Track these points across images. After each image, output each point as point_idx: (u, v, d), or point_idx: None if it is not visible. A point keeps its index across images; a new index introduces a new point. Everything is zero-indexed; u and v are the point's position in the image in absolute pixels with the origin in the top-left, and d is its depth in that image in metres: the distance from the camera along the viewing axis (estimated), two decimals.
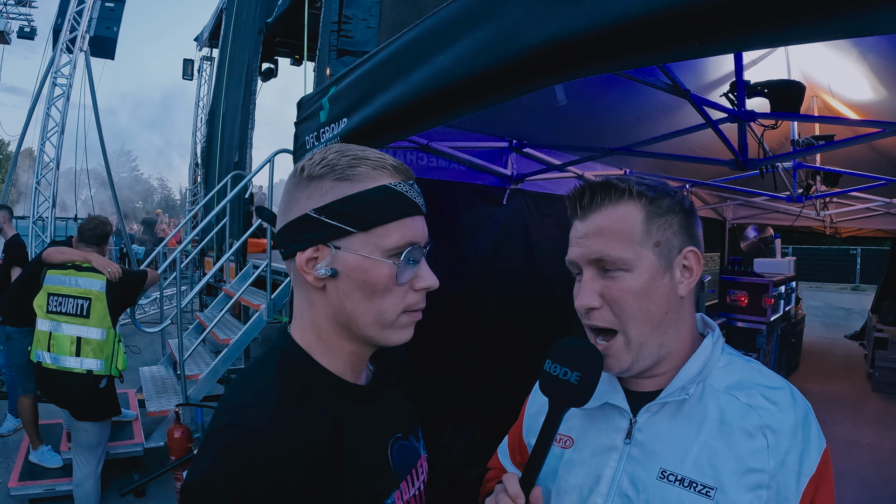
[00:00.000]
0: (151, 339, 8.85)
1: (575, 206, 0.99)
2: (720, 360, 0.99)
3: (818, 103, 3.08)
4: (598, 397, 0.96)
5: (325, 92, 2.10)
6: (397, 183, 0.87)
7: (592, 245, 0.94)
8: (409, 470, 1.01)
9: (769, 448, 0.87)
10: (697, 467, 0.89)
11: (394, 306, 0.87)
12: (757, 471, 0.86)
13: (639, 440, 0.95)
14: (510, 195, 3.67)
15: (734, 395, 0.93)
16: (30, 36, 13.45)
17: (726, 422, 0.90)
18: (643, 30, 0.90)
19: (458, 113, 1.38)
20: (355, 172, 0.85)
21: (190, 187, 15.24)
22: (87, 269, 3.57)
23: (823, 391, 6.90)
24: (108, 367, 3.57)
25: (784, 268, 6.30)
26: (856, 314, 13.36)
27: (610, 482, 0.96)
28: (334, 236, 0.85)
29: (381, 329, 0.88)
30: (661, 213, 0.95)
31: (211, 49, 14.17)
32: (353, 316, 0.88)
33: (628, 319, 0.93)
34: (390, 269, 0.85)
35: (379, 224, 0.85)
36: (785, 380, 0.97)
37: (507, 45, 1.14)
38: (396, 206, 0.86)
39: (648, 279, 0.93)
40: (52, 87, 10.73)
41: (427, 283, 0.89)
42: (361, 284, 0.86)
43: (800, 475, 0.86)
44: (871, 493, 4.16)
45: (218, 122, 9.59)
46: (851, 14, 0.73)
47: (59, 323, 3.51)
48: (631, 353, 0.94)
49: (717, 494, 0.86)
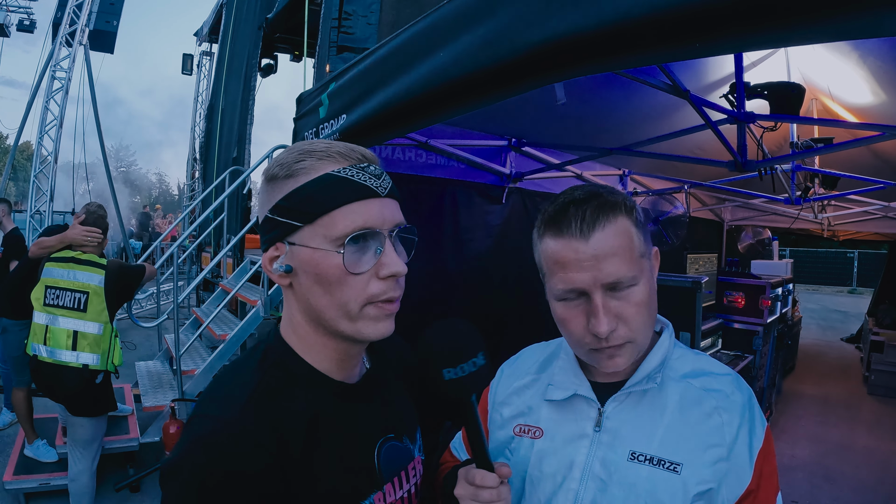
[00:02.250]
0: (148, 335, 8.84)
1: (571, 226, 0.94)
2: (675, 352, 1.07)
3: (817, 106, 3.08)
4: (566, 389, 1.06)
5: (324, 88, 2.10)
6: (342, 168, 0.84)
7: (607, 269, 0.92)
8: (398, 472, 0.99)
9: (724, 425, 0.95)
10: (664, 446, 0.96)
11: (355, 297, 0.85)
12: (716, 445, 0.94)
13: (608, 427, 1.01)
14: (508, 194, 3.67)
15: (690, 381, 1.02)
16: (29, 29, 13.39)
17: (686, 405, 0.99)
18: (644, 29, 0.90)
19: (457, 110, 1.38)
20: (301, 167, 0.85)
21: (188, 182, 15.22)
22: (85, 263, 3.55)
23: (819, 393, 6.92)
24: (104, 362, 3.54)
25: (781, 270, 6.29)
26: (852, 317, 13.39)
27: (583, 467, 1.01)
28: (286, 233, 0.86)
29: (350, 322, 0.86)
30: (641, 221, 0.99)
31: (210, 44, 14.14)
32: (319, 311, 0.87)
33: (639, 329, 0.96)
34: (338, 257, 0.83)
35: (322, 214, 0.83)
36: (729, 367, 1.07)
37: (507, 43, 1.14)
38: (340, 192, 0.83)
39: (649, 287, 0.97)
40: (51, 81, 10.71)
41: (392, 269, 0.85)
42: (316, 278, 0.85)
43: (751, 448, 0.95)
44: (866, 496, 4.17)
45: (217, 118, 9.57)
46: (853, 15, 0.73)
47: (56, 316, 3.47)
48: (635, 350, 0.98)
49: (683, 469, 0.94)
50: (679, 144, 3.24)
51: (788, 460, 4.73)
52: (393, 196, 0.89)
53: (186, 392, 4.27)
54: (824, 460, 4.76)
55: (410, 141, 3.04)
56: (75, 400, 3.48)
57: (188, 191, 14.56)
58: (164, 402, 4.26)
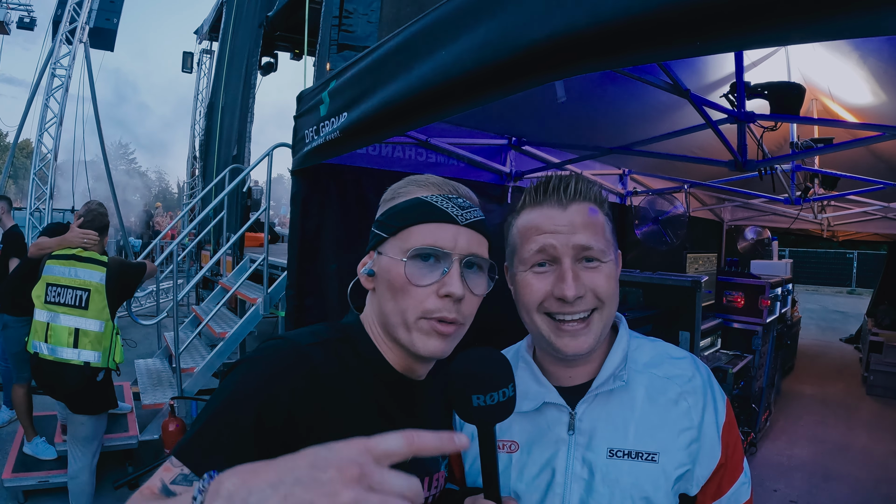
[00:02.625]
0: (147, 332, 8.83)
1: (554, 194, 1.01)
2: (633, 343, 1.10)
3: (817, 106, 3.08)
4: (534, 399, 1.07)
5: (325, 86, 2.10)
6: (431, 195, 0.97)
7: (581, 234, 0.98)
8: (421, 477, 0.97)
9: (690, 409, 1.01)
10: (639, 439, 1.00)
11: (412, 307, 0.93)
12: (686, 429, 0.99)
13: (581, 428, 1.03)
14: (511, 192, 3.68)
15: (652, 371, 1.06)
16: (29, 27, 13.39)
17: (653, 396, 1.03)
18: (646, 26, 0.90)
19: (458, 108, 1.38)
20: (401, 191, 1.00)
21: (188, 180, 15.22)
22: (86, 260, 3.54)
23: (818, 394, 6.93)
24: (105, 360, 3.54)
25: (781, 270, 6.29)
26: (851, 318, 13.40)
27: (565, 471, 1.02)
28: (377, 243, 0.99)
29: (406, 332, 0.94)
30: (610, 218, 1.05)
31: (211, 42, 14.15)
32: (386, 315, 0.97)
33: (607, 300, 1.00)
34: (403, 266, 0.93)
35: (402, 228, 0.95)
36: (685, 350, 1.13)
37: (508, 41, 1.14)
38: (422, 213, 0.95)
39: (614, 271, 1.02)
40: (51, 78, 10.71)
41: (448, 289, 0.92)
42: (388, 284, 0.95)
43: (717, 424, 1.01)
44: (864, 495, 4.18)
45: (217, 116, 9.58)
46: (854, 14, 0.73)
47: (58, 314, 3.46)
48: (599, 329, 1.01)
49: (660, 457, 0.98)
50: (679, 144, 3.24)
51: (787, 460, 4.74)
52: (476, 229, 0.98)
53: (185, 390, 4.27)
54: (823, 460, 4.77)
55: (410, 139, 3.04)
56: (76, 397, 3.48)
57: (188, 189, 14.54)
58: (164, 399, 4.26)
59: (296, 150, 2.45)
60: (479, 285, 0.99)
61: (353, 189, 2.82)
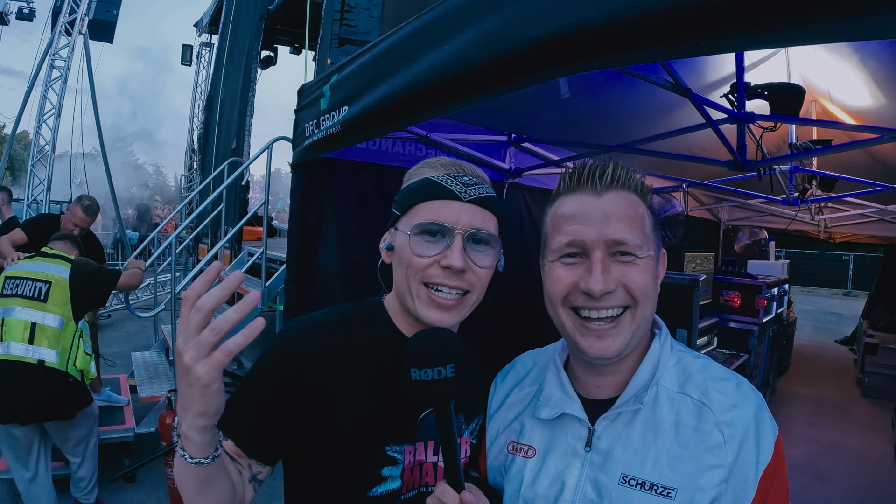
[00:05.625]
0: (143, 325, 8.84)
1: (588, 180, 0.94)
2: (670, 358, 0.99)
3: (816, 108, 3.08)
4: (555, 407, 1.01)
5: (326, 79, 2.10)
6: (439, 175, 1.05)
7: (614, 226, 0.90)
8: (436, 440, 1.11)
9: (726, 443, 0.88)
10: (657, 470, 0.90)
11: (414, 275, 1.02)
12: (715, 467, 0.87)
13: (599, 447, 0.96)
14: (508, 189, 3.68)
15: (687, 393, 0.94)
16: (28, 18, 13.30)
17: (682, 423, 0.91)
18: (652, 24, 0.90)
19: (460, 104, 1.38)
20: (415, 173, 1.10)
21: (185, 174, 15.17)
22: (52, 256, 3.33)
23: (813, 394, 6.96)
24: (63, 362, 3.15)
25: (777, 270, 6.32)
26: (847, 319, 13.45)
27: (574, 489, 0.96)
28: (394, 221, 1.09)
29: (412, 299, 1.04)
30: (652, 213, 0.98)
31: (210, 35, 14.09)
32: (398, 285, 1.07)
33: (641, 298, 0.92)
34: (409, 240, 1.02)
35: (412, 205, 1.04)
36: (733, 372, 0.98)
37: (512, 37, 1.14)
38: (429, 191, 1.03)
39: (653, 269, 0.94)
40: (50, 70, 10.66)
41: (449, 261, 0.99)
42: (398, 256, 1.06)
43: (757, 465, 0.87)
44: (858, 495, 4.20)
45: (216, 109, 9.55)
46: (862, 16, 0.73)
47: (12, 307, 3.13)
48: (631, 331, 0.93)
49: (677, 495, 0.87)
50: (678, 143, 3.24)
51: None
52: (482, 205, 1.04)
53: None
54: (817, 460, 4.79)
55: (411, 134, 3.04)
56: (56, 401, 3.15)
57: (186, 182, 14.50)
58: (160, 392, 4.27)
59: (296, 144, 2.45)
60: (484, 259, 1.04)
61: (352, 183, 2.82)
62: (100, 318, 9.56)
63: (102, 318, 9.71)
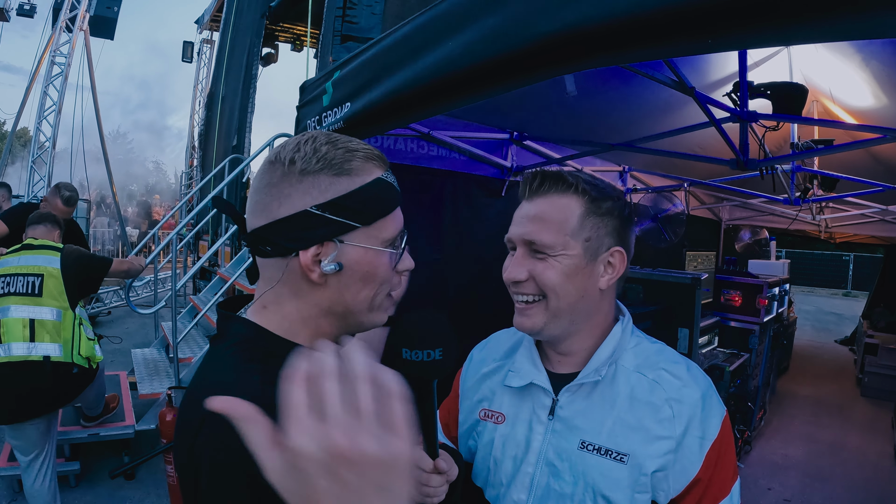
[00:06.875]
0: (144, 322, 8.84)
1: (525, 188, 1.09)
2: (630, 342, 1.11)
3: (818, 108, 3.08)
4: (523, 377, 1.13)
5: (328, 76, 2.09)
6: (386, 174, 0.90)
7: (529, 228, 1.05)
8: None
9: (674, 417, 1.00)
10: (612, 437, 1.02)
11: (384, 291, 0.93)
12: (664, 438, 1.00)
13: (561, 416, 1.08)
14: (508, 187, 3.68)
15: (642, 373, 1.06)
16: (29, 14, 13.27)
17: (636, 397, 1.04)
18: (659, 22, 0.90)
19: (463, 101, 1.38)
20: (352, 166, 0.85)
21: (186, 170, 15.16)
22: (39, 248, 3.23)
23: (813, 394, 6.96)
24: (68, 353, 3.13)
25: (778, 270, 6.31)
26: (847, 319, 13.45)
27: (538, 453, 1.08)
28: (340, 232, 0.85)
29: (370, 313, 0.93)
30: (598, 213, 1.05)
31: (212, 32, 14.08)
32: (350, 305, 0.90)
33: (550, 292, 1.03)
34: (390, 257, 0.91)
35: (380, 217, 0.87)
36: (685, 357, 1.12)
37: (517, 34, 1.14)
38: (391, 198, 0.89)
39: (571, 266, 1.03)
40: (50, 67, 10.66)
41: (408, 265, 0.96)
42: (364, 276, 0.88)
43: (703, 440, 1.00)
44: (858, 495, 4.20)
45: (217, 106, 9.55)
46: (864, 15, 0.73)
47: (8, 306, 3.06)
48: (546, 316, 1.05)
49: (629, 460, 1.00)
50: (680, 142, 3.24)
51: (781, 459, 4.76)
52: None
53: (183, 380, 4.27)
54: (817, 460, 4.79)
55: (413, 132, 3.03)
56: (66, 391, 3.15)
57: (186, 179, 14.49)
58: (161, 389, 4.26)
59: None
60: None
61: None
62: (100, 314, 9.58)
63: (103, 314, 9.71)
